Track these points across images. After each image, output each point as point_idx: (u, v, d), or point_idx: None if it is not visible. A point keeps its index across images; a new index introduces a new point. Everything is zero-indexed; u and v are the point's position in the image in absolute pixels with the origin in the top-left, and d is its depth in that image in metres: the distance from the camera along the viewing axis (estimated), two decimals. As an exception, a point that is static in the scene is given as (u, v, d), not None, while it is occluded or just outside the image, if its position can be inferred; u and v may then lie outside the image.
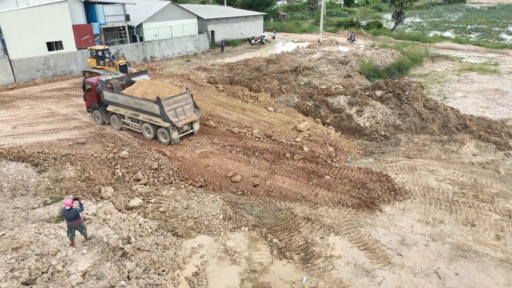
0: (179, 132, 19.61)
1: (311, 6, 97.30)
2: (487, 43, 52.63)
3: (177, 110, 19.15)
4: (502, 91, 30.33)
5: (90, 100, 22.27)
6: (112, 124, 21.70)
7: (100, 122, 22.11)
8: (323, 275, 11.23)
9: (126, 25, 40.11)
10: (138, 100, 19.31)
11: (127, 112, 20.31)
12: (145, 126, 19.95)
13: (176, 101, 19.16)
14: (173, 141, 19.29)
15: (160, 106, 18.41)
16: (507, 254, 12.04)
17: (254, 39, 53.38)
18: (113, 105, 20.86)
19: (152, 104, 18.75)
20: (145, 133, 20.23)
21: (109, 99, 20.83)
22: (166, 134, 19.24)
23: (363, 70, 35.15)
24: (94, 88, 21.42)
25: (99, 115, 21.99)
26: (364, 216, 14.04)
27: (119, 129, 21.30)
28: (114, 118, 21.39)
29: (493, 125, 22.51)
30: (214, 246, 12.44)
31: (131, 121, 20.60)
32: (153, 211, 13.79)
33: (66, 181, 15.59)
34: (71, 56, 34.30)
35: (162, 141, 19.56)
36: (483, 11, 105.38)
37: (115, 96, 20.42)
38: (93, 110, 22.35)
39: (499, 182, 16.22)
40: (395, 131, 21.79)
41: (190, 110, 19.96)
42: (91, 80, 22.13)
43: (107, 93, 20.79)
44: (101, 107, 21.64)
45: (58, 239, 10.85)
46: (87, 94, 22.20)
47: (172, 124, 18.75)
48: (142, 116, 19.67)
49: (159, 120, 18.95)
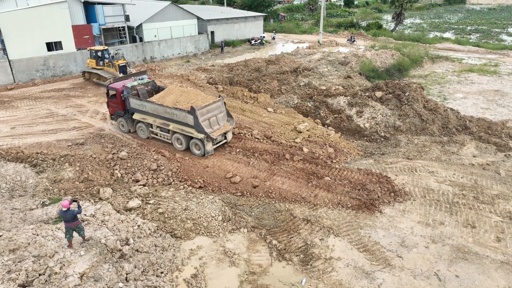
0: (213, 143, 18.59)
1: (311, 7, 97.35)
2: (487, 44, 52.61)
3: (211, 120, 18.00)
4: (502, 92, 30.28)
5: (114, 107, 20.95)
6: (139, 132, 20.49)
7: (125, 130, 20.95)
8: (323, 277, 11.15)
9: (125, 25, 40.06)
10: (170, 110, 18.09)
11: (155, 121, 19.07)
12: (176, 137, 18.78)
13: (209, 110, 17.98)
14: (207, 153, 18.14)
15: (195, 116, 17.29)
16: (507, 256, 11.96)
17: (254, 40, 53.35)
18: (140, 113, 19.64)
19: (185, 114, 17.60)
20: (175, 144, 19.01)
21: (136, 107, 19.62)
22: (200, 146, 18.12)
23: (363, 71, 35.10)
24: (119, 94, 20.19)
25: (124, 123, 20.79)
26: (364, 217, 13.96)
27: (146, 138, 20.20)
28: (141, 127, 20.16)
29: (493, 126, 22.46)
30: (213, 248, 12.37)
31: (160, 131, 19.39)
32: (152, 212, 13.72)
33: (65, 182, 15.51)
34: (70, 57, 34.26)
35: (195, 153, 18.41)
36: (483, 12, 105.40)
37: (143, 104, 19.23)
38: (117, 117, 21.09)
39: (499, 183, 16.15)
40: (395, 132, 21.73)
41: (223, 119, 18.83)
42: (115, 85, 20.71)
43: (134, 101, 19.58)
44: (127, 114, 20.46)
45: (56, 241, 10.78)
46: (111, 101, 20.95)
47: (207, 136, 17.67)
48: (173, 126, 18.46)
49: (192, 131, 17.80)
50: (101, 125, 22.16)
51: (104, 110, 24.88)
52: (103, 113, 24.21)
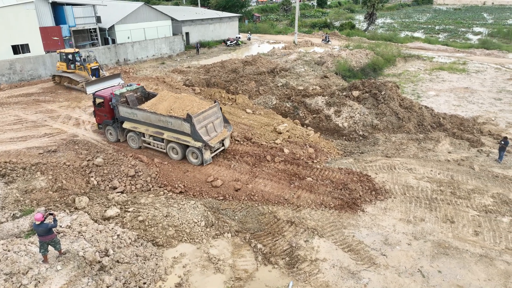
0: (211, 151, 17.82)
1: (285, 7, 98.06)
2: (455, 43, 54.58)
3: (208, 127, 17.18)
4: (472, 90, 31.41)
5: (101, 116, 19.75)
6: (129, 142, 19.34)
7: (114, 139, 19.84)
8: (310, 280, 11.09)
9: (97, 27, 38.88)
10: (164, 118, 17.17)
11: (148, 130, 18.10)
12: (171, 146, 17.85)
13: (206, 116, 17.15)
14: (205, 162, 17.30)
15: (191, 124, 16.43)
16: (485, 250, 12.30)
17: (230, 41, 53.07)
18: (131, 122, 18.60)
19: (181, 122, 16.71)
20: (171, 154, 18.06)
21: (126, 115, 18.57)
22: (197, 154, 17.27)
23: (339, 71, 35.55)
24: (108, 102, 19.05)
25: (112, 132, 19.70)
26: (347, 217, 14.03)
27: (137, 147, 19.11)
28: (132, 136, 19.10)
29: (465, 122, 23.22)
30: (196, 255, 12.06)
31: (153, 140, 18.42)
32: (132, 220, 13.25)
33: (37, 192, 14.74)
34: (39, 60, 32.82)
35: (193, 162, 17.51)
36: (449, 12, 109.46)
37: (134, 112, 18.22)
38: (105, 126, 19.97)
39: (474, 178, 16.66)
40: (373, 130, 22.06)
41: (220, 125, 18.07)
42: (102, 93, 19.57)
43: (123, 109, 18.54)
44: (116, 123, 19.41)
45: (30, 256, 10.17)
46: (98, 110, 19.77)
47: (205, 144, 16.91)
48: (168, 134, 17.52)
49: (188, 139, 16.95)
50: (74, 131, 21.30)
51: (77, 115, 23.98)
52: (76, 118, 23.31)
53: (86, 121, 22.95)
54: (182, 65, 40.03)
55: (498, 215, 14.00)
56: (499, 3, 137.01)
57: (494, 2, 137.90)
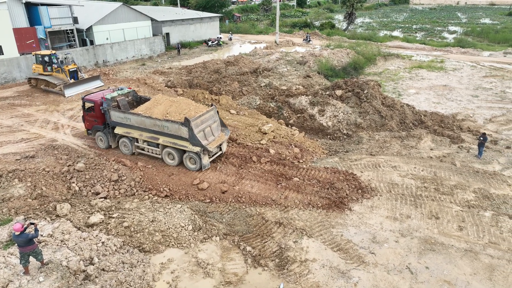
0: (210, 156, 17.33)
1: (265, 7, 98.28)
2: (432, 42, 55.89)
3: (205, 131, 16.68)
4: (450, 87, 32.18)
5: (91, 121, 18.93)
6: (122, 148, 18.60)
7: (105, 145, 19.03)
8: (300, 281, 11.04)
9: (74, 28, 37.84)
10: (159, 122, 16.54)
11: (142, 135, 17.43)
12: (167, 152, 17.24)
13: (203, 120, 16.65)
14: (204, 167, 16.83)
15: (189, 128, 15.90)
16: (470, 244, 12.57)
17: (211, 41, 52.69)
18: (123, 127, 17.88)
19: (178, 126, 16.18)
20: (166, 159, 17.47)
21: (118, 120, 17.84)
22: (195, 160, 16.74)
23: (321, 70, 35.79)
24: (98, 107, 18.24)
25: (103, 138, 18.87)
26: (334, 216, 14.08)
27: (131, 154, 18.41)
28: (124, 142, 18.38)
29: (445, 119, 23.74)
30: (185, 260, 11.83)
31: (147, 146, 17.80)
32: (117, 226, 12.88)
33: (15, 200, 14.15)
34: (13, 62, 31.64)
35: (190, 168, 16.98)
36: (425, 12, 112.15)
37: (127, 117, 17.46)
38: (95, 132, 19.12)
39: (456, 174, 17.03)
40: (356, 129, 22.27)
41: (217, 129, 17.64)
42: (93, 97, 18.69)
43: (115, 114, 17.77)
44: (107, 129, 18.62)
45: (9, 268, 9.72)
46: (87, 115, 18.94)
47: (204, 148, 16.50)
48: (163, 139, 16.93)
49: (186, 144, 16.44)
50: (53, 135, 20.62)
51: (55, 118, 23.24)
52: (55, 122, 22.58)
53: (66, 125, 22.27)
54: (163, 66, 39.46)
55: (480, 210, 14.34)
56: (472, 3, 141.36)
57: (467, 2, 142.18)
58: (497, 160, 18.61)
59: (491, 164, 18.23)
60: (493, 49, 49.58)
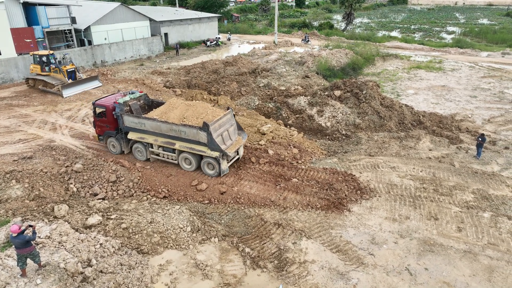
0: (228, 161, 16.85)
1: (264, 7, 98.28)
2: (430, 42, 55.97)
3: (223, 135, 16.27)
4: (448, 87, 32.22)
5: (103, 126, 18.38)
6: (135, 154, 18.11)
7: (117, 151, 18.53)
8: (299, 282, 11.00)
9: (72, 28, 37.71)
10: (176, 127, 16.13)
11: (157, 141, 16.97)
12: (184, 157, 16.83)
13: (221, 124, 16.22)
14: (223, 173, 16.39)
15: (208, 133, 15.49)
16: (469, 245, 12.55)
17: (210, 41, 52.63)
18: (137, 132, 17.41)
19: (196, 131, 15.74)
20: (183, 165, 17.03)
21: (132, 125, 17.36)
22: (213, 165, 16.33)
23: (319, 70, 35.77)
24: (110, 112, 17.77)
25: (115, 143, 18.37)
26: (333, 217, 14.04)
27: (145, 159, 17.95)
28: (138, 148, 17.88)
29: (444, 120, 23.74)
30: (183, 261, 11.78)
31: (163, 151, 17.30)
32: (115, 228, 12.82)
33: (12, 202, 14.08)
34: (10, 63, 31.52)
35: (209, 174, 16.53)
36: (424, 12, 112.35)
37: (141, 122, 17.00)
38: (107, 138, 18.61)
39: (455, 175, 17.02)
40: (355, 130, 22.25)
41: (234, 133, 17.24)
42: (104, 102, 18.15)
43: (129, 118, 17.30)
44: (120, 134, 18.11)
45: (6, 270, 9.64)
46: (98, 120, 18.41)
47: (223, 153, 16.08)
48: (180, 144, 16.50)
49: (204, 149, 15.99)
50: (51, 136, 20.53)
51: (53, 119, 23.15)
52: (52, 123, 22.49)
53: (64, 125, 22.19)
54: (161, 66, 39.39)
55: (479, 211, 14.33)
56: (470, 3, 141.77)
57: (465, 2, 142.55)
58: (496, 161, 18.62)
59: (490, 165, 18.24)
60: (491, 50, 49.68)
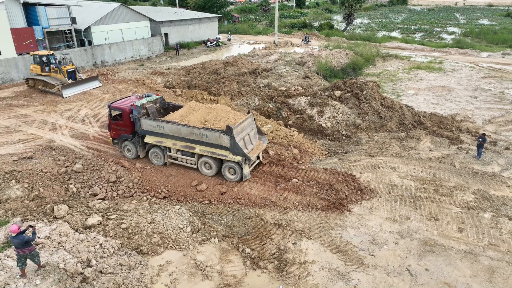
0: (249, 165, 16.51)
1: (264, 8, 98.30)
2: (430, 43, 55.94)
3: (245, 139, 16.03)
4: (449, 88, 32.18)
5: (118, 130, 17.97)
6: (152, 158, 17.75)
7: (133, 156, 18.11)
8: (299, 283, 10.97)
9: (72, 28, 37.67)
10: (198, 130, 15.80)
11: (176, 144, 16.68)
12: (204, 161, 16.50)
13: (243, 128, 15.96)
14: (245, 177, 16.05)
15: (231, 136, 15.22)
16: (469, 246, 12.52)
17: (210, 42, 52.61)
18: (155, 136, 17.10)
19: (219, 135, 15.44)
20: (203, 169, 16.69)
21: (150, 129, 17.06)
22: (235, 170, 16.04)
23: (320, 71, 35.74)
24: (127, 115, 17.39)
25: (131, 147, 17.98)
26: (334, 217, 14.01)
27: (162, 164, 17.57)
28: (155, 152, 17.52)
29: (444, 120, 23.70)
30: (183, 262, 11.75)
31: (181, 155, 16.98)
32: (114, 228, 12.77)
33: (12, 202, 14.06)
34: (10, 63, 31.49)
35: (230, 178, 16.23)
36: (424, 12, 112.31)
37: (160, 125, 16.70)
38: (122, 142, 18.23)
39: (455, 175, 16.99)
40: (355, 130, 22.22)
41: (255, 137, 16.94)
42: (120, 104, 17.80)
43: (147, 122, 16.97)
44: (136, 138, 17.71)
45: (5, 271, 9.60)
46: (114, 123, 17.99)
47: (246, 158, 15.73)
48: (200, 148, 16.16)
49: (226, 154, 15.69)
50: (51, 136, 20.50)
51: (53, 119, 23.12)
52: (52, 123, 22.45)
53: (64, 125, 22.15)
54: (161, 66, 39.36)
55: (480, 211, 14.30)
56: (470, 3, 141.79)
57: (465, 3, 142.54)
58: (496, 161, 18.59)
59: (490, 165, 18.21)
60: (492, 50, 49.65)
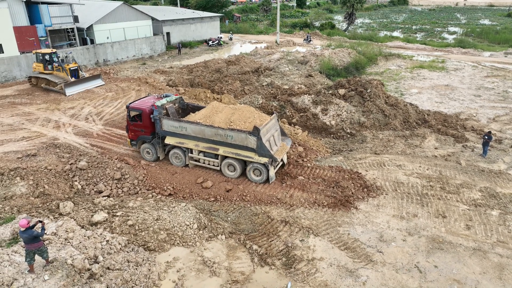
0: (274, 167, 16.17)
1: (265, 8, 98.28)
2: (432, 42, 55.87)
3: (270, 140, 15.68)
4: (452, 87, 32.12)
5: (137, 131, 17.49)
6: (172, 160, 17.34)
7: (152, 158, 17.62)
8: (308, 280, 10.90)
9: (75, 27, 37.65)
10: (223, 131, 15.44)
11: (198, 146, 16.30)
12: (228, 163, 16.06)
13: (268, 129, 15.61)
14: (271, 179, 15.70)
15: (258, 138, 14.88)
16: (478, 243, 12.44)
17: (212, 41, 52.58)
18: (176, 137, 16.71)
19: (245, 136, 15.08)
20: (226, 171, 16.26)
21: (171, 130, 16.66)
22: (260, 171, 15.64)
23: (323, 70, 35.68)
24: (147, 115, 16.96)
25: (151, 149, 17.49)
26: (340, 215, 13.94)
27: (183, 166, 17.20)
28: (176, 153, 17.12)
29: (448, 119, 23.64)
30: (190, 258, 11.68)
31: (203, 157, 16.58)
32: (121, 225, 12.71)
33: (17, 199, 13.97)
34: (13, 61, 31.45)
35: (255, 180, 15.85)
36: (425, 12, 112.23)
37: (182, 126, 16.30)
38: (141, 143, 17.79)
39: (461, 173, 16.92)
40: (360, 128, 22.15)
41: (279, 138, 16.64)
42: (139, 105, 17.38)
43: (168, 122, 16.55)
44: (156, 139, 17.29)
45: (14, 266, 9.55)
46: (132, 124, 17.52)
47: (273, 159, 15.42)
48: (224, 150, 15.81)
49: (252, 155, 15.34)
50: (55, 134, 20.44)
51: (56, 117, 23.06)
52: (56, 121, 22.39)
53: (67, 123, 22.10)
54: (164, 65, 39.31)
55: (487, 209, 14.23)
56: (471, 4, 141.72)
57: (466, 3, 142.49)
58: (502, 159, 18.52)
59: (496, 163, 18.13)
60: (494, 50, 49.58)
